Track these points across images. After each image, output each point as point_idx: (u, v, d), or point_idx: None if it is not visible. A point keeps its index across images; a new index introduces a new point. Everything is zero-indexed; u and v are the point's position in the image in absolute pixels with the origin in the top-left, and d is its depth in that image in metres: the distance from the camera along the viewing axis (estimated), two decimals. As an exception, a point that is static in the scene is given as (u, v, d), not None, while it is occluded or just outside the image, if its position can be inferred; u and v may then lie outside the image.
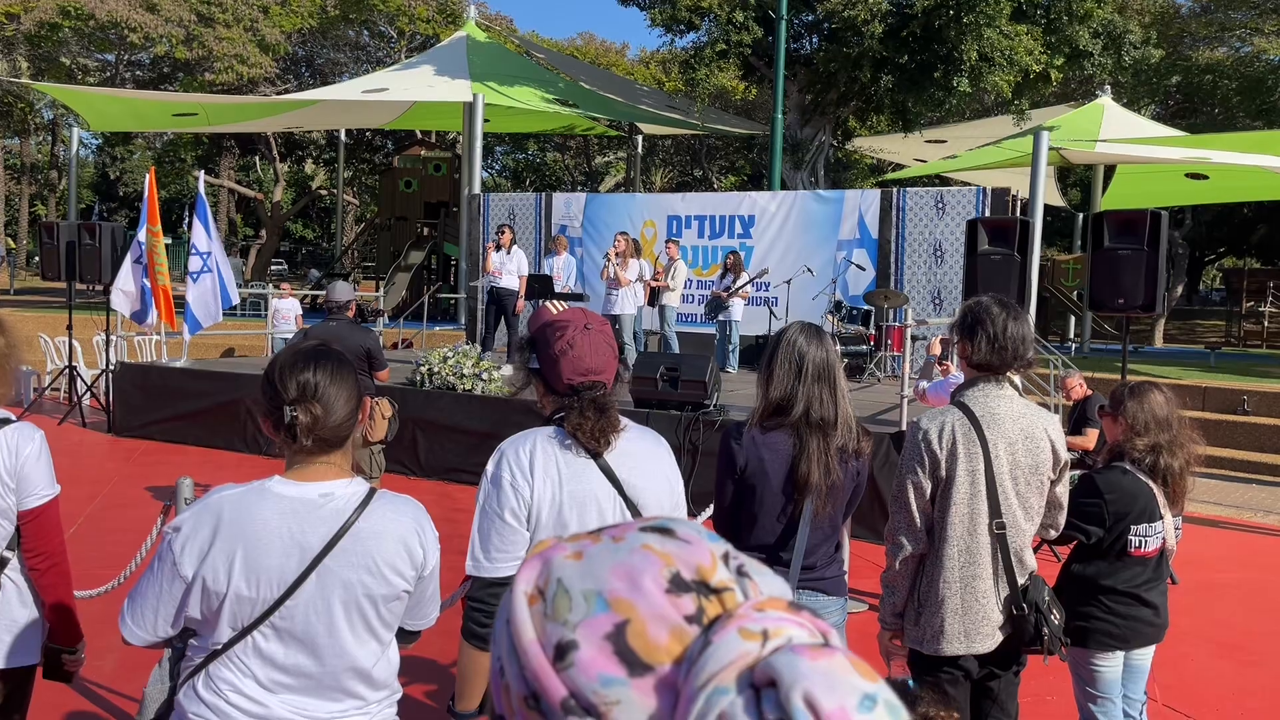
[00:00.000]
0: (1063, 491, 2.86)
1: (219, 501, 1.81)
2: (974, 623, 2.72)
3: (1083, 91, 22.46)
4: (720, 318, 11.83)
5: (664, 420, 7.63)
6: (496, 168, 42.96)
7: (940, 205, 12.07)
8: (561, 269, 12.10)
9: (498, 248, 11.49)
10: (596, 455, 2.15)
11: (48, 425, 10.27)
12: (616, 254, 11.14)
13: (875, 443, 2.74)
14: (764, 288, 12.55)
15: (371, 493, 1.89)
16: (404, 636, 2.01)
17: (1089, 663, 3.17)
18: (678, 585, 0.65)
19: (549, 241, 13.56)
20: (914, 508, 2.75)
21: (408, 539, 1.88)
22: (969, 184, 16.87)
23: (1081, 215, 20.83)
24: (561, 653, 0.65)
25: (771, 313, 11.94)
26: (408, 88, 18.97)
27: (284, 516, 1.79)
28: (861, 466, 2.67)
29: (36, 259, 18.26)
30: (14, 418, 2.54)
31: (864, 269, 12.40)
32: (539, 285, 11.18)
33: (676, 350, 11.36)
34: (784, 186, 15.62)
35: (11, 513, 2.48)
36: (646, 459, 2.24)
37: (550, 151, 39.41)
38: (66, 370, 11.66)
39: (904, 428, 7.14)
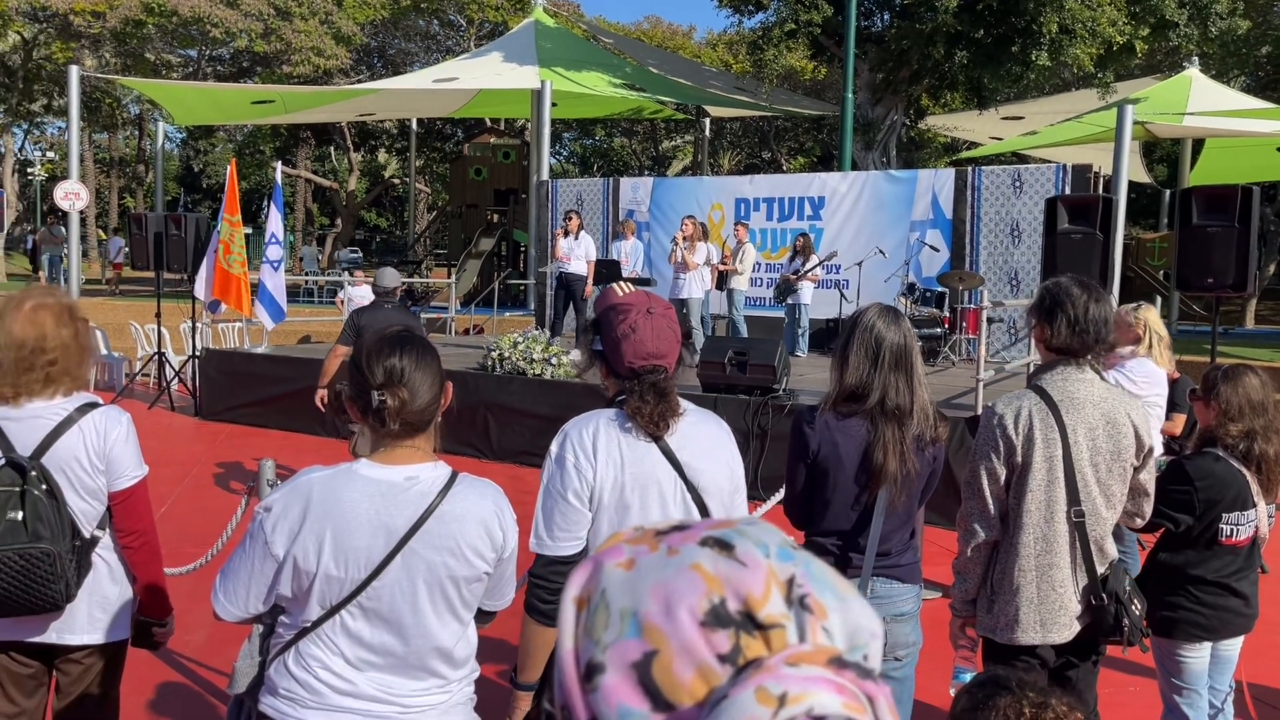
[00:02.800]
0: (1148, 479, 2.77)
1: (308, 483, 1.86)
2: (1050, 612, 2.65)
3: (1169, 63, 21.58)
4: (789, 301, 11.72)
5: (732, 405, 7.61)
6: (564, 154, 43.17)
7: (1018, 183, 11.75)
8: (629, 254, 12.11)
9: (565, 233, 11.55)
10: (658, 438, 2.16)
11: (139, 410, 10.69)
12: (684, 238, 11.10)
13: (950, 428, 2.68)
14: (834, 270, 12.39)
15: (454, 476, 1.93)
16: (481, 617, 2.06)
17: (1175, 653, 3.08)
18: (715, 618, 0.60)
19: (616, 226, 13.59)
20: (987, 494, 2.69)
21: (489, 522, 1.92)
22: (1048, 161, 16.37)
23: (1168, 192, 20.08)
24: (590, 673, 0.61)
25: (842, 295, 11.78)
26: (477, 76, 19.15)
27: (371, 499, 1.83)
28: (938, 453, 2.62)
29: (126, 249, 18.98)
30: (101, 402, 2.63)
31: (938, 250, 12.14)
32: (606, 270, 11.21)
33: (745, 334, 11.29)
34: (855, 167, 15.38)
35: (102, 493, 2.58)
36: (708, 443, 2.25)
37: (617, 137, 39.43)
38: (156, 357, 12.10)
39: (979, 412, 7.00)
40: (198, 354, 11.37)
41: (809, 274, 11.56)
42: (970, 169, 12.32)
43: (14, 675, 2.63)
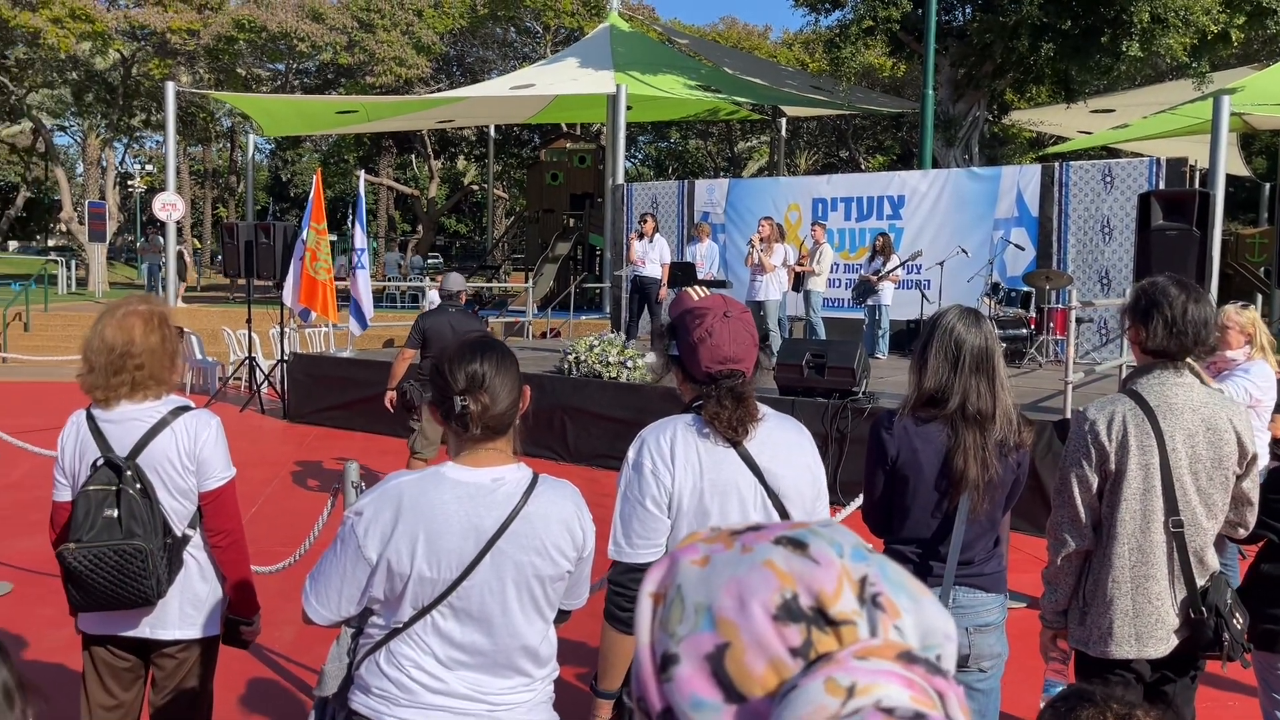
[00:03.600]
0: (1251, 487, 2.63)
1: (398, 487, 1.89)
2: (1146, 625, 2.54)
3: (1267, 52, 20.60)
4: (869, 302, 11.53)
5: (809, 408, 7.51)
6: (639, 157, 43.30)
7: (1108, 179, 11.35)
8: (704, 256, 12.07)
9: (640, 237, 11.56)
10: (736, 443, 2.13)
11: (230, 412, 11.07)
12: (760, 239, 11.01)
13: (1037, 432, 2.59)
14: (915, 270, 12.15)
15: (536, 477, 1.96)
16: (558, 616, 2.08)
17: (1278, 668, 2.92)
18: (787, 613, 0.61)
19: (691, 229, 13.56)
20: (1079, 502, 2.59)
21: (570, 522, 1.95)
22: (1140, 155, 15.79)
23: (1268, 185, 19.16)
24: (665, 664, 0.63)
25: (924, 296, 11.54)
26: (553, 81, 19.35)
27: (460, 501, 1.87)
28: (1022, 458, 2.53)
29: (219, 257, 19.80)
30: (193, 406, 2.73)
31: (1023, 249, 11.81)
32: (681, 273, 11.19)
33: (823, 336, 11.15)
34: (936, 165, 15.06)
35: (193, 493, 2.67)
36: (788, 448, 2.21)
37: (693, 139, 39.39)
38: (246, 361, 12.53)
39: (1067, 416, 6.78)
40: (286, 358, 11.72)
41: (889, 274, 11.36)
42: (1058, 164, 11.96)
43: (112, 668, 2.74)
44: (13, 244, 45.30)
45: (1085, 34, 14.82)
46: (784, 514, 2.17)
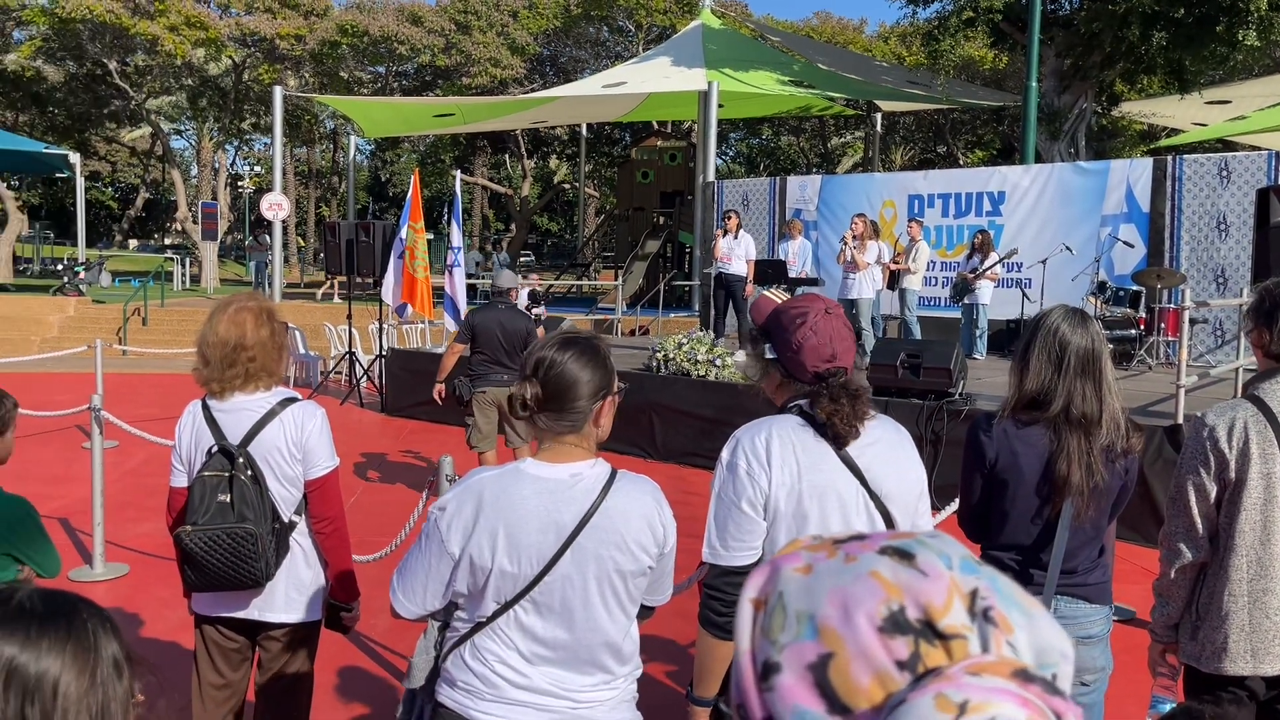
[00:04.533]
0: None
1: (479, 483, 1.91)
2: (1263, 641, 2.41)
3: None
4: (967, 301, 11.24)
5: (904, 409, 7.36)
6: (730, 154, 43.10)
7: (1224, 173, 10.81)
8: (796, 253, 11.94)
9: (725, 233, 11.49)
10: (841, 444, 2.09)
11: (331, 405, 11.45)
12: (854, 236, 10.84)
13: (1146, 438, 2.48)
14: (1016, 268, 11.79)
15: (614, 473, 1.96)
16: (642, 612, 2.07)
17: None
18: (894, 625, 0.59)
19: (783, 226, 13.43)
20: (1195, 512, 2.47)
21: (650, 517, 1.95)
22: (1259, 148, 14.98)
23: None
24: (766, 672, 0.62)
25: (1025, 295, 11.19)
26: (645, 80, 19.42)
27: (539, 496, 1.88)
28: (1130, 465, 2.43)
29: (322, 255, 20.53)
30: (300, 397, 2.84)
31: (1132, 246, 11.34)
32: (772, 270, 11.09)
33: (918, 336, 10.91)
34: (1039, 159, 14.57)
35: (299, 481, 2.79)
36: (890, 449, 2.15)
37: (785, 135, 39.01)
38: (346, 356, 12.94)
39: (1179, 421, 6.48)
40: (384, 354, 12.06)
41: (988, 272, 11.05)
42: (1170, 158, 11.44)
43: (222, 648, 2.87)
44: (133, 242, 47.78)
45: (1199, 22, 14.13)
46: (886, 516, 2.12)
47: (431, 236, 22.44)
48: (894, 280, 11.39)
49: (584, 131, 29.13)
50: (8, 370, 11.73)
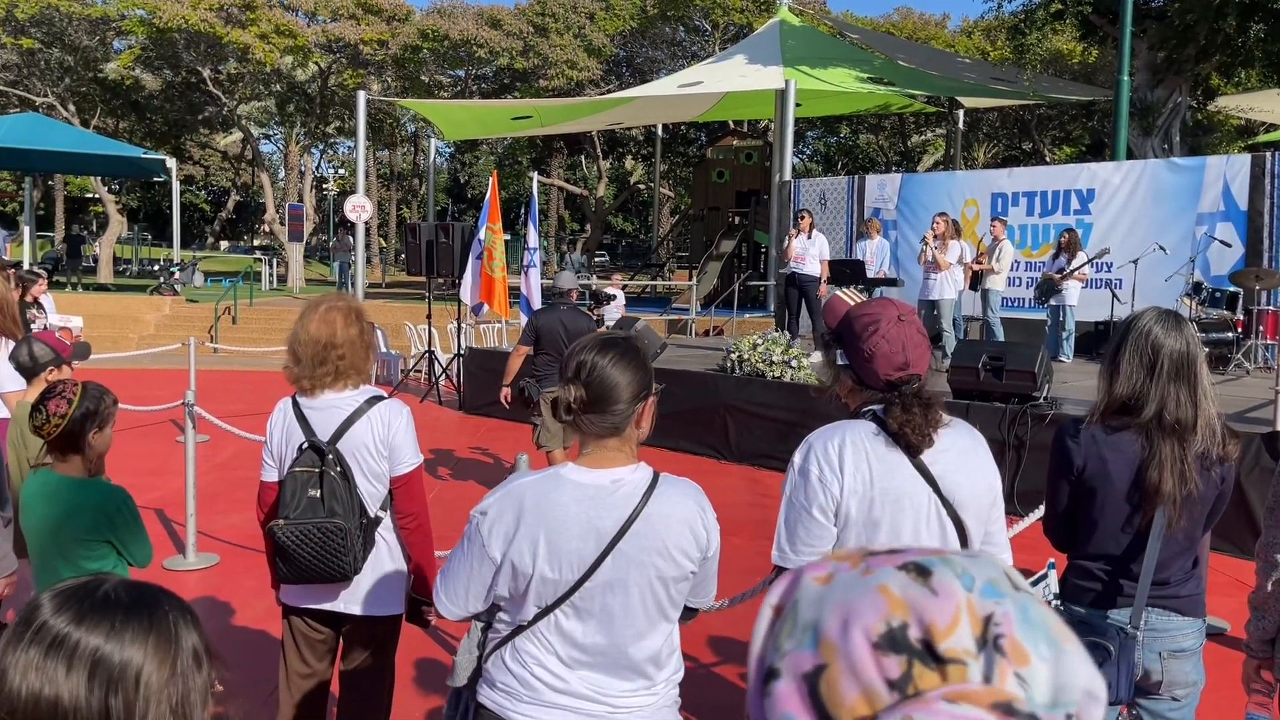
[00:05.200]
0: None
1: (520, 488, 1.91)
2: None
3: None
4: (1053, 302, 10.92)
5: (986, 413, 7.19)
6: (807, 153, 42.67)
7: (1331, 168, 10.29)
8: (874, 253, 11.76)
9: (798, 233, 11.36)
10: (915, 452, 2.06)
11: (411, 403, 11.68)
12: (935, 236, 10.62)
13: (1243, 445, 2.39)
14: (1105, 268, 11.42)
15: (656, 478, 1.94)
16: (686, 613, 2.07)
17: None
18: (890, 642, 0.58)
19: (860, 225, 13.24)
20: (1295, 523, 2.37)
21: (692, 522, 1.92)
22: (1371, 141, 14.23)
23: None
24: (768, 678, 0.62)
25: (1115, 296, 10.82)
26: (721, 79, 19.34)
27: (580, 502, 1.87)
28: (1226, 473, 2.34)
29: (403, 256, 21.04)
30: (386, 395, 2.92)
31: (1229, 245, 10.88)
32: (850, 270, 10.94)
33: (1001, 337, 10.64)
34: (1130, 156, 14.08)
35: (385, 478, 2.86)
36: (964, 455, 2.11)
37: (863, 133, 38.46)
38: (426, 355, 13.20)
39: (1278, 427, 6.19)
40: (462, 353, 12.26)
41: (1075, 273, 10.73)
42: (1269, 154, 10.95)
43: (308, 639, 2.96)
44: (224, 244, 49.53)
45: (1305, 10, 13.47)
46: (959, 523, 2.09)
47: (509, 237, 22.76)
48: (976, 281, 11.13)
49: (659, 132, 29.16)
50: (108, 366, 12.27)
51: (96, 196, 32.51)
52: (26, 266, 11.83)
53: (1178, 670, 2.31)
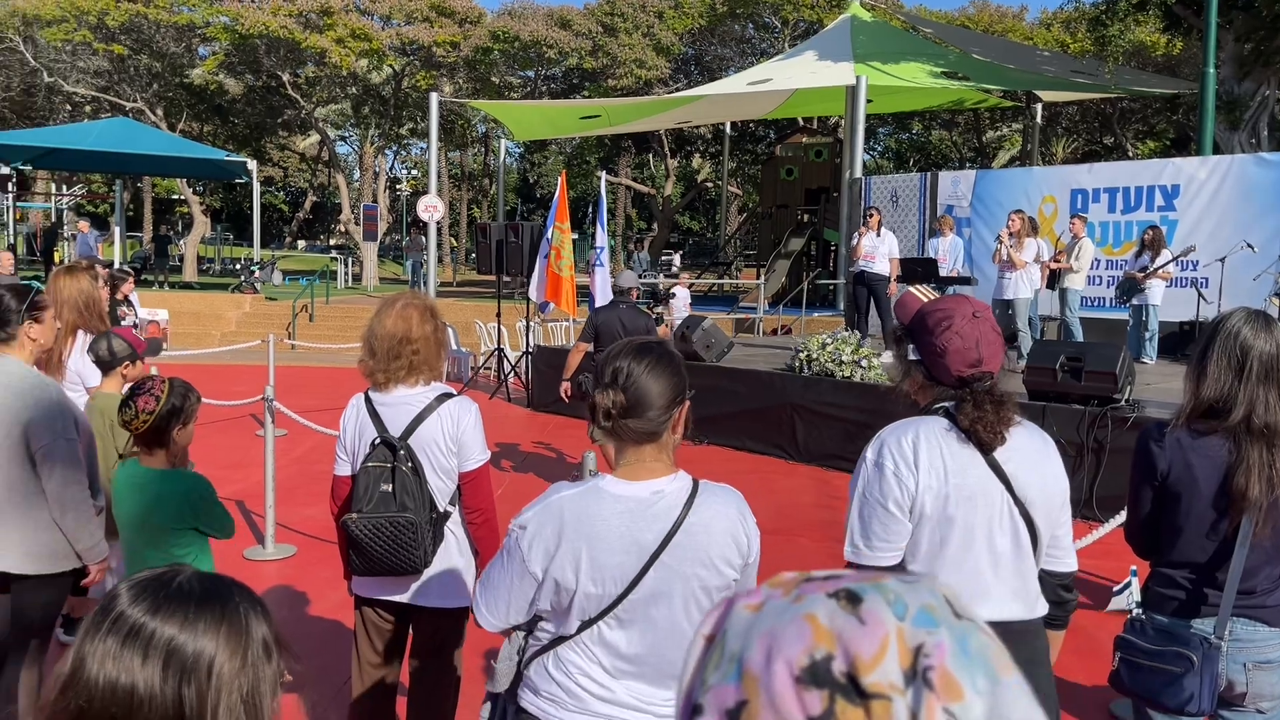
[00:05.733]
0: None
1: (559, 502, 1.89)
2: None
3: None
4: (1135, 301, 10.59)
5: (1063, 414, 7.00)
6: (878, 149, 42.08)
7: None
8: (947, 251, 11.54)
9: (866, 230, 11.19)
10: (987, 449, 2.02)
11: (480, 400, 11.85)
12: (1010, 234, 10.37)
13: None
14: (1190, 267, 11.03)
15: (696, 487, 1.91)
16: None
17: None
18: (812, 676, 0.54)
19: (933, 222, 13.00)
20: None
21: (734, 531, 1.90)
22: None
23: None
24: (693, 713, 0.59)
25: (1200, 296, 10.45)
26: (791, 76, 19.18)
27: (621, 516, 1.84)
28: (1321, 480, 2.24)
29: (473, 255, 21.41)
30: (455, 393, 2.97)
31: (1324, 243, 10.41)
32: (922, 269, 10.76)
33: (1080, 338, 10.35)
34: (1217, 150, 13.57)
35: (454, 473, 2.91)
36: (1036, 456, 2.09)
37: (936, 130, 37.77)
38: (495, 352, 13.36)
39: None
40: (530, 350, 12.39)
41: (1159, 271, 10.38)
42: (1371, 146, 10.44)
43: (379, 629, 3.03)
44: (301, 243, 50.87)
45: None
46: (1030, 523, 2.06)
47: (576, 236, 22.92)
48: (1054, 279, 10.85)
49: (728, 129, 29.04)
50: (192, 361, 12.70)
51: (182, 198, 33.68)
52: (117, 265, 12.32)
53: (1264, 682, 2.23)
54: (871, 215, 11.23)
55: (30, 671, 3.20)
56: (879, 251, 11.00)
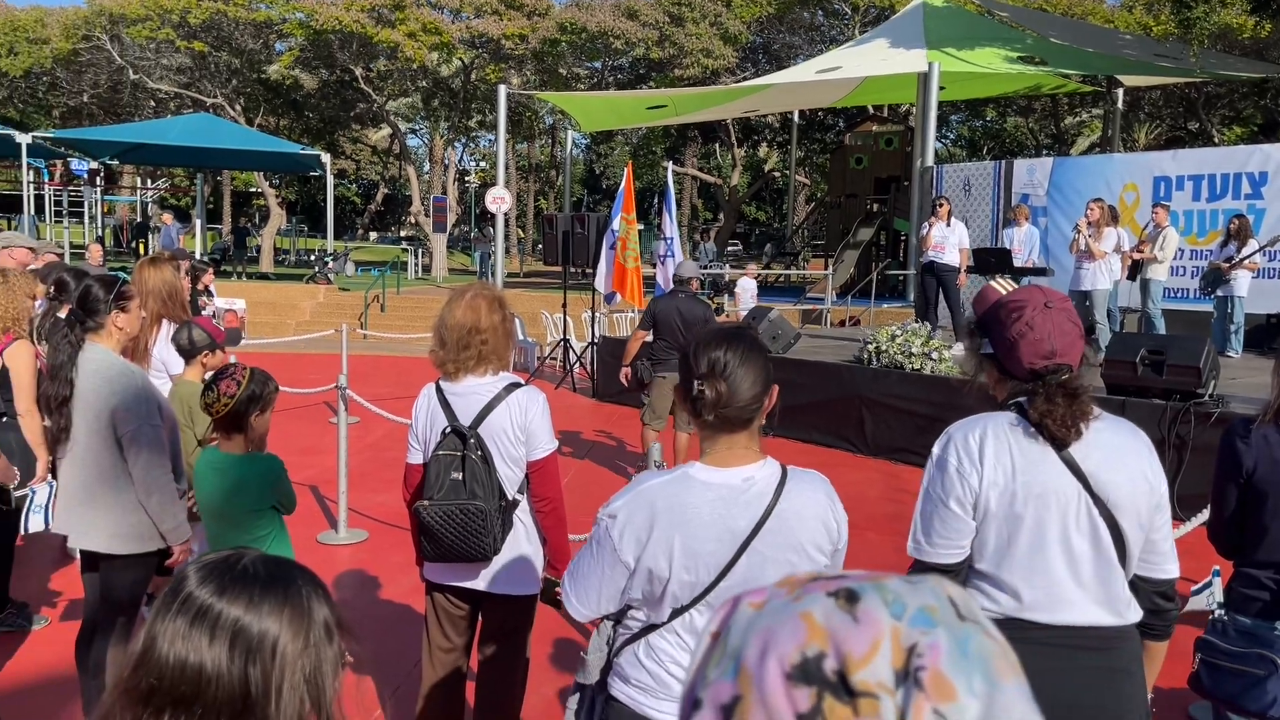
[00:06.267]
0: None
1: (650, 490, 1.89)
2: None
3: None
4: (1220, 293, 10.21)
5: (1143, 410, 6.79)
6: (950, 137, 41.23)
7: None
8: (1022, 241, 11.26)
9: (936, 220, 10.96)
10: (1060, 445, 1.97)
11: (546, 390, 11.96)
12: (1089, 223, 10.07)
13: None
14: (1278, 257, 10.59)
15: (785, 473, 1.90)
16: None
17: None
18: (803, 673, 0.55)
19: (1007, 212, 12.70)
20: None
21: (824, 516, 1.89)
22: None
23: None
24: (692, 709, 0.59)
25: (1289, 287, 10.04)
26: (860, 63, 18.90)
27: (712, 503, 1.84)
28: None
29: (540, 246, 21.62)
30: (523, 382, 3.01)
31: None
32: (995, 259, 10.51)
33: (1162, 330, 10.03)
34: (1311, 135, 12.99)
35: (522, 462, 2.95)
36: (1121, 452, 1.99)
37: (1012, 116, 36.83)
38: (561, 343, 13.47)
39: None
40: (596, 341, 12.45)
41: (1246, 262, 9.99)
42: None
43: (450, 615, 3.09)
44: (373, 235, 51.87)
45: None
46: (1114, 526, 1.97)
47: (642, 227, 22.94)
48: (1135, 270, 10.51)
49: (796, 118, 28.74)
50: (268, 350, 13.05)
51: (259, 191, 34.63)
52: (198, 257, 12.72)
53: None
54: (940, 205, 11.00)
55: (118, 648, 3.34)
56: (948, 242, 10.77)
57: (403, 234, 48.14)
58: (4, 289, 4.20)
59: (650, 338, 7.13)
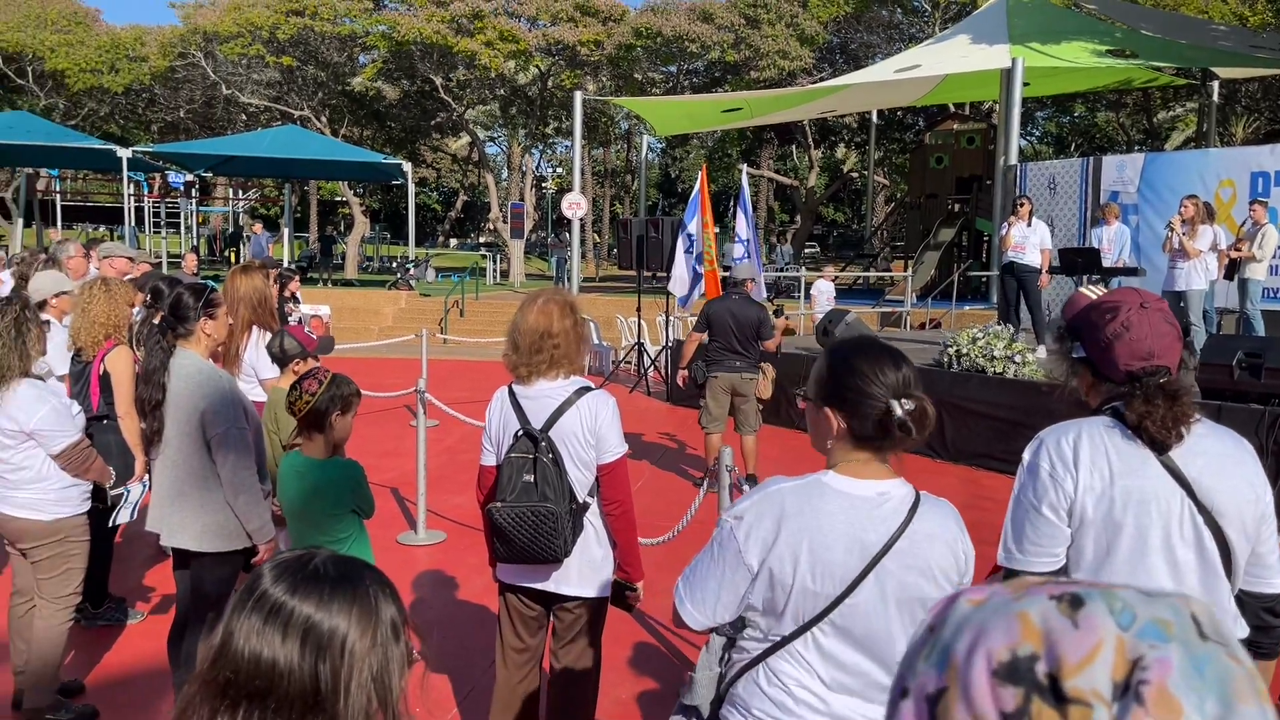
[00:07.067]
0: None
1: (779, 493, 1.81)
2: None
3: None
4: (1324, 293, 9.70)
5: (1240, 415, 6.49)
6: (1036, 134, 40.12)
7: None
8: (1111, 240, 10.87)
9: (1016, 220, 10.65)
10: (1161, 449, 1.88)
11: (620, 394, 11.99)
12: (1183, 221, 9.67)
13: None
14: (1392, 254, 10.01)
15: (919, 495, 1.83)
16: None
17: None
18: (1010, 673, 0.54)
19: (1095, 210, 12.28)
20: None
21: (954, 544, 1.82)
22: None
23: None
24: (900, 696, 0.60)
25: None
26: (941, 61, 18.53)
27: (846, 513, 1.77)
28: None
29: (615, 251, 21.78)
30: (594, 386, 3.02)
31: None
32: (1082, 260, 10.17)
33: (1261, 332, 9.57)
34: None
35: (592, 465, 2.96)
36: (1225, 460, 1.90)
37: (1101, 111, 35.65)
38: (635, 347, 13.50)
39: None
40: (670, 345, 12.44)
41: (1354, 259, 9.47)
42: None
43: (522, 616, 3.12)
44: (453, 241, 52.83)
45: None
46: (1218, 534, 1.88)
47: (718, 230, 22.84)
48: (1233, 269, 10.05)
49: (874, 118, 28.30)
50: (352, 355, 13.39)
51: (344, 200, 35.56)
52: (285, 264, 13.13)
53: None
54: (1021, 204, 10.68)
55: (207, 643, 3.45)
56: (1029, 242, 10.46)
57: (481, 240, 48.91)
58: (106, 297, 4.40)
59: (706, 339, 7.24)
